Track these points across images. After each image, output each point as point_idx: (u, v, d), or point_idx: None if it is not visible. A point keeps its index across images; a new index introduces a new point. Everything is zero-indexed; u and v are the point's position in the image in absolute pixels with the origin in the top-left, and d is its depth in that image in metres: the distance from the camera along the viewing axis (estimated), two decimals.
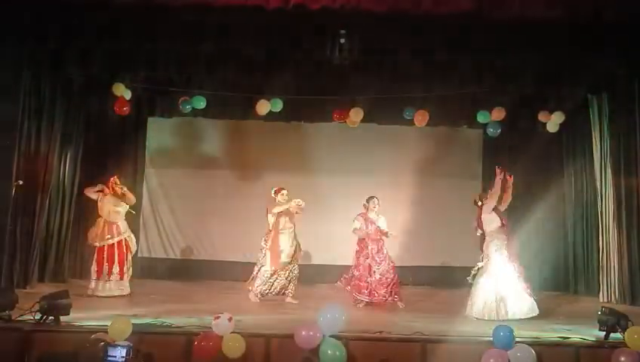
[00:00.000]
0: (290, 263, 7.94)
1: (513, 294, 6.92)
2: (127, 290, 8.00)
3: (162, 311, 6.69)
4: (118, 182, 8.20)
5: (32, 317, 5.72)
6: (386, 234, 7.87)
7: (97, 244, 7.98)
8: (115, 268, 7.91)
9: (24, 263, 8.14)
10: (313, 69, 8.32)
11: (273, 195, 8.06)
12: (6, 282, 7.62)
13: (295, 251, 8.00)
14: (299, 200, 7.85)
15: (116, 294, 7.85)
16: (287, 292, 7.91)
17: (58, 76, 8.41)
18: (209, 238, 10.19)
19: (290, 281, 7.93)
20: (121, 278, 7.95)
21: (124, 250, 8.05)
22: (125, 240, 8.09)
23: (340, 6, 6.44)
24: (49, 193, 8.57)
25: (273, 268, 7.87)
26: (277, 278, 7.91)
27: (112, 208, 8.07)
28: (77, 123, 9.27)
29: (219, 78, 8.68)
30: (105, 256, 7.91)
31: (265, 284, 7.90)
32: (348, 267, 8.15)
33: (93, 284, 7.91)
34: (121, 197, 8.14)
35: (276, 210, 7.90)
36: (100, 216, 8.11)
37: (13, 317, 5.77)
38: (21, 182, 7.84)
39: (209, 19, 7.16)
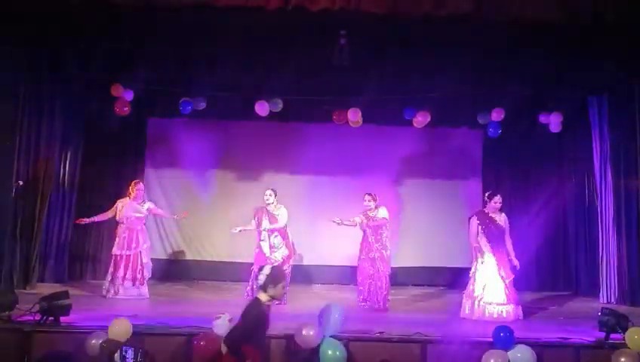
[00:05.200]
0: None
1: (494, 297, 6.97)
2: (146, 295, 7.93)
3: (162, 312, 6.69)
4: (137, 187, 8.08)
5: (32, 318, 5.72)
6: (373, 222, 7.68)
7: (117, 253, 7.89)
8: (129, 274, 7.84)
9: (24, 263, 8.15)
10: (313, 69, 8.33)
11: None
12: (6, 282, 7.63)
13: (280, 256, 7.93)
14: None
15: (134, 295, 7.82)
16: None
17: (58, 76, 8.41)
18: (209, 239, 10.18)
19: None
20: (134, 284, 7.86)
21: (140, 260, 7.96)
22: (141, 252, 7.99)
23: (340, 7, 6.43)
24: (49, 193, 8.56)
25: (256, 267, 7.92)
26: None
27: (132, 213, 7.98)
28: (77, 123, 9.25)
29: (219, 78, 8.68)
30: (122, 263, 7.85)
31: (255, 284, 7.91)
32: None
33: (108, 286, 7.86)
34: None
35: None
36: (120, 223, 7.97)
37: (13, 318, 5.77)
38: (21, 183, 7.85)
39: (209, 19, 7.16)
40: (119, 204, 8.06)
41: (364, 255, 7.72)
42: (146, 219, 8.29)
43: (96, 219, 8.14)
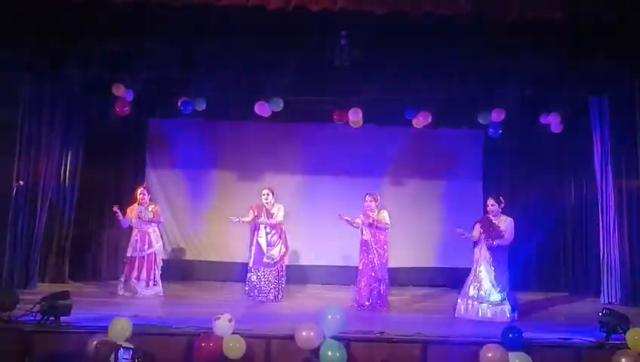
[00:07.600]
0: (271, 265, 7.98)
1: (489, 297, 7.00)
2: (160, 292, 8.23)
3: (162, 312, 6.69)
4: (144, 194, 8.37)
5: (32, 318, 5.72)
6: (376, 222, 7.64)
7: (130, 255, 8.22)
8: (144, 275, 8.16)
9: (24, 263, 8.15)
10: (313, 69, 8.31)
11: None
12: (6, 282, 7.63)
13: (277, 253, 8.03)
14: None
15: (149, 295, 8.13)
16: (274, 295, 7.94)
17: (58, 77, 8.40)
18: (209, 239, 10.18)
19: (272, 284, 7.96)
20: (147, 285, 8.16)
21: (154, 260, 8.26)
22: (155, 253, 8.30)
23: (340, 7, 6.43)
24: (49, 194, 8.56)
25: (251, 267, 8.03)
26: (258, 279, 7.93)
27: (139, 217, 8.25)
28: (77, 123, 9.24)
29: (219, 78, 8.68)
30: (136, 264, 8.16)
31: (249, 283, 7.99)
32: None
33: (122, 286, 8.15)
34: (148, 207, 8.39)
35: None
36: (133, 227, 8.31)
37: (13, 318, 5.77)
38: (22, 183, 7.85)
39: (209, 19, 7.16)
40: (128, 210, 8.34)
41: (365, 258, 7.70)
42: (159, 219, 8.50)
43: (120, 217, 8.25)
